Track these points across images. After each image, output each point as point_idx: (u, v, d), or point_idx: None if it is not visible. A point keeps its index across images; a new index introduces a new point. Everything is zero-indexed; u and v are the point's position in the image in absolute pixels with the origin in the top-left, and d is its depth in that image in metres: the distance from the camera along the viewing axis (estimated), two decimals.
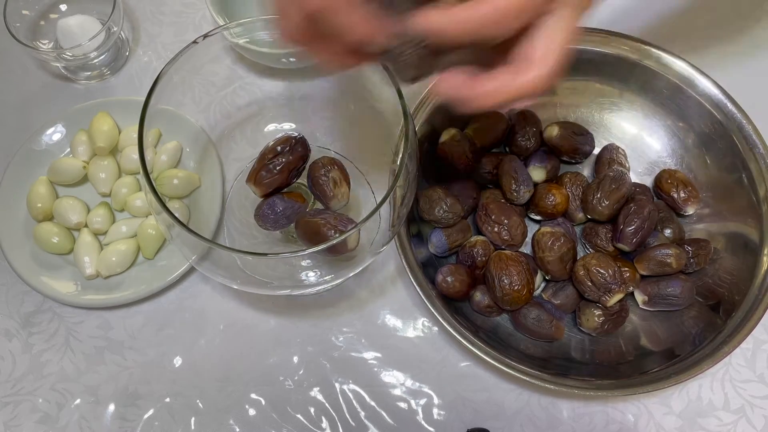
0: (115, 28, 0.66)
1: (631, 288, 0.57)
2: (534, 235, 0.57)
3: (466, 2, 0.29)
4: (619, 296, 0.54)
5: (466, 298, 0.57)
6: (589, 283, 0.54)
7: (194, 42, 0.47)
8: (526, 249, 0.59)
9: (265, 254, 0.47)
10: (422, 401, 0.56)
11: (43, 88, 0.69)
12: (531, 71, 0.31)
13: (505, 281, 0.53)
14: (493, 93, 0.32)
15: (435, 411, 0.56)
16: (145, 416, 0.56)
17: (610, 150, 0.62)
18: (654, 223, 0.57)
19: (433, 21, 0.30)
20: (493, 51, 0.32)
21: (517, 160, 0.60)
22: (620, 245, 0.57)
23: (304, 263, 0.50)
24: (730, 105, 0.58)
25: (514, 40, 0.31)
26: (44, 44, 0.69)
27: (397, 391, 0.57)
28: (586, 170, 0.64)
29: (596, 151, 0.63)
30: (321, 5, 0.32)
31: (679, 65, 0.60)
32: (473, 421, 0.55)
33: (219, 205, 0.60)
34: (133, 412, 0.56)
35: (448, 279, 0.55)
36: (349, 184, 0.55)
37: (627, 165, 0.62)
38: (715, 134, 0.59)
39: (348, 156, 0.61)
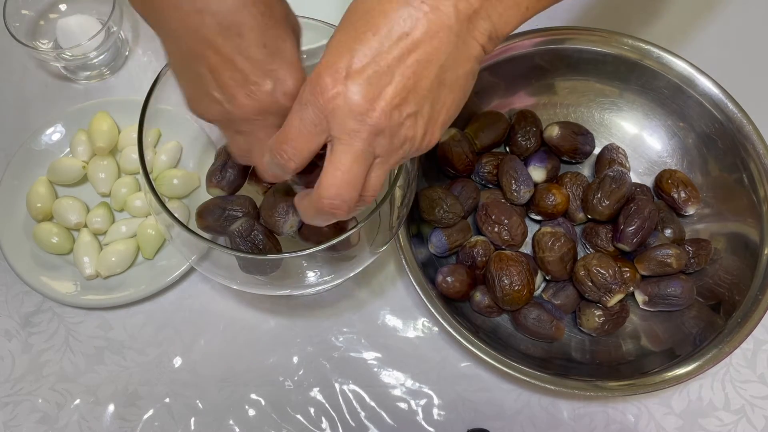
0: (115, 28, 0.66)
1: (631, 288, 0.57)
2: (534, 235, 0.57)
3: None
4: (619, 296, 0.54)
5: (466, 298, 0.57)
6: (590, 284, 0.54)
7: None
8: (527, 249, 0.59)
9: (265, 255, 0.47)
10: (422, 401, 0.56)
11: (43, 88, 0.69)
12: (317, 195, 0.36)
13: (506, 281, 0.53)
14: (305, 209, 0.38)
15: (435, 411, 0.56)
16: (145, 416, 0.56)
17: (610, 150, 0.61)
18: (654, 223, 0.57)
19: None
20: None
21: (517, 160, 0.60)
22: (620, 245, 0.57)
23: (304, 263, 0.50)
24: (730, 105, 0.58)
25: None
26: (44, 44, 0.69)
27: (397, 392, 0.57)
28: (586, 170, 0.64)
29: (596, 151, 0.63)
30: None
31: (679, 65, 0.60)
32: (473, 421, 0.55)
33: None
34: (133, 412, 0.56)
35: (448, 279, 0.55)
36: None
37: (627, 165, 0.62)
38: (715, 134, 0.59)
39: None
